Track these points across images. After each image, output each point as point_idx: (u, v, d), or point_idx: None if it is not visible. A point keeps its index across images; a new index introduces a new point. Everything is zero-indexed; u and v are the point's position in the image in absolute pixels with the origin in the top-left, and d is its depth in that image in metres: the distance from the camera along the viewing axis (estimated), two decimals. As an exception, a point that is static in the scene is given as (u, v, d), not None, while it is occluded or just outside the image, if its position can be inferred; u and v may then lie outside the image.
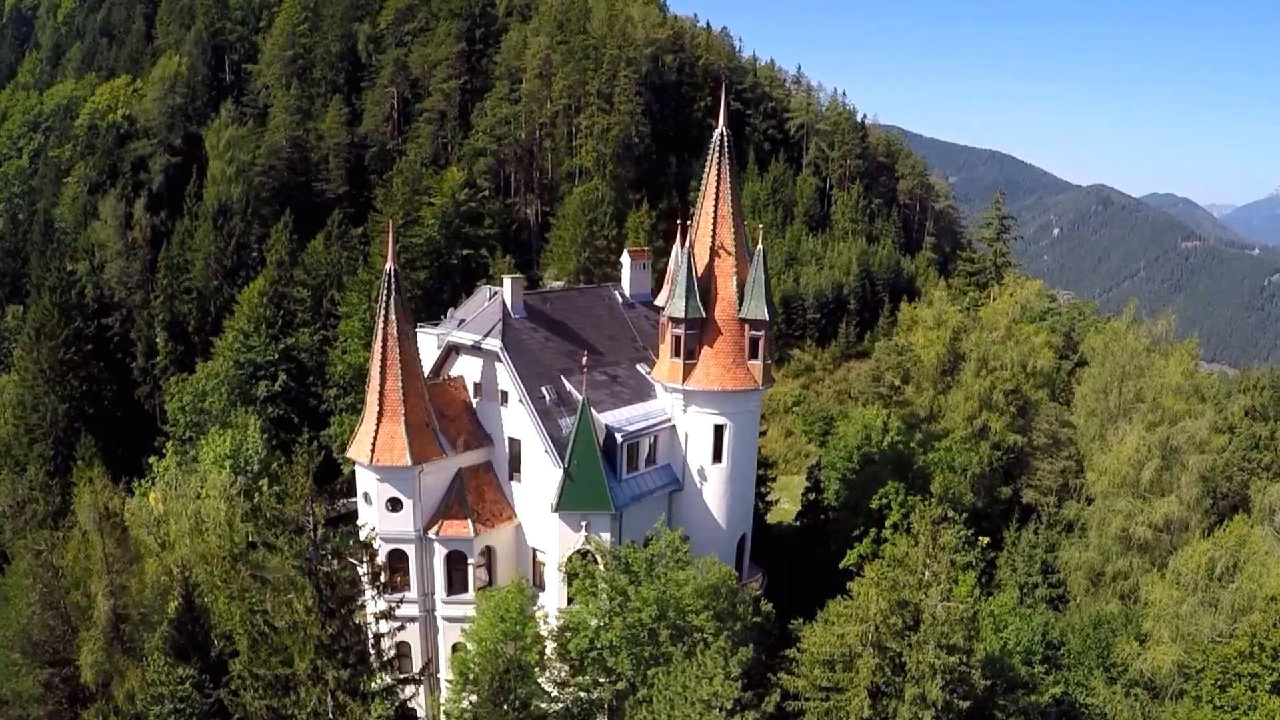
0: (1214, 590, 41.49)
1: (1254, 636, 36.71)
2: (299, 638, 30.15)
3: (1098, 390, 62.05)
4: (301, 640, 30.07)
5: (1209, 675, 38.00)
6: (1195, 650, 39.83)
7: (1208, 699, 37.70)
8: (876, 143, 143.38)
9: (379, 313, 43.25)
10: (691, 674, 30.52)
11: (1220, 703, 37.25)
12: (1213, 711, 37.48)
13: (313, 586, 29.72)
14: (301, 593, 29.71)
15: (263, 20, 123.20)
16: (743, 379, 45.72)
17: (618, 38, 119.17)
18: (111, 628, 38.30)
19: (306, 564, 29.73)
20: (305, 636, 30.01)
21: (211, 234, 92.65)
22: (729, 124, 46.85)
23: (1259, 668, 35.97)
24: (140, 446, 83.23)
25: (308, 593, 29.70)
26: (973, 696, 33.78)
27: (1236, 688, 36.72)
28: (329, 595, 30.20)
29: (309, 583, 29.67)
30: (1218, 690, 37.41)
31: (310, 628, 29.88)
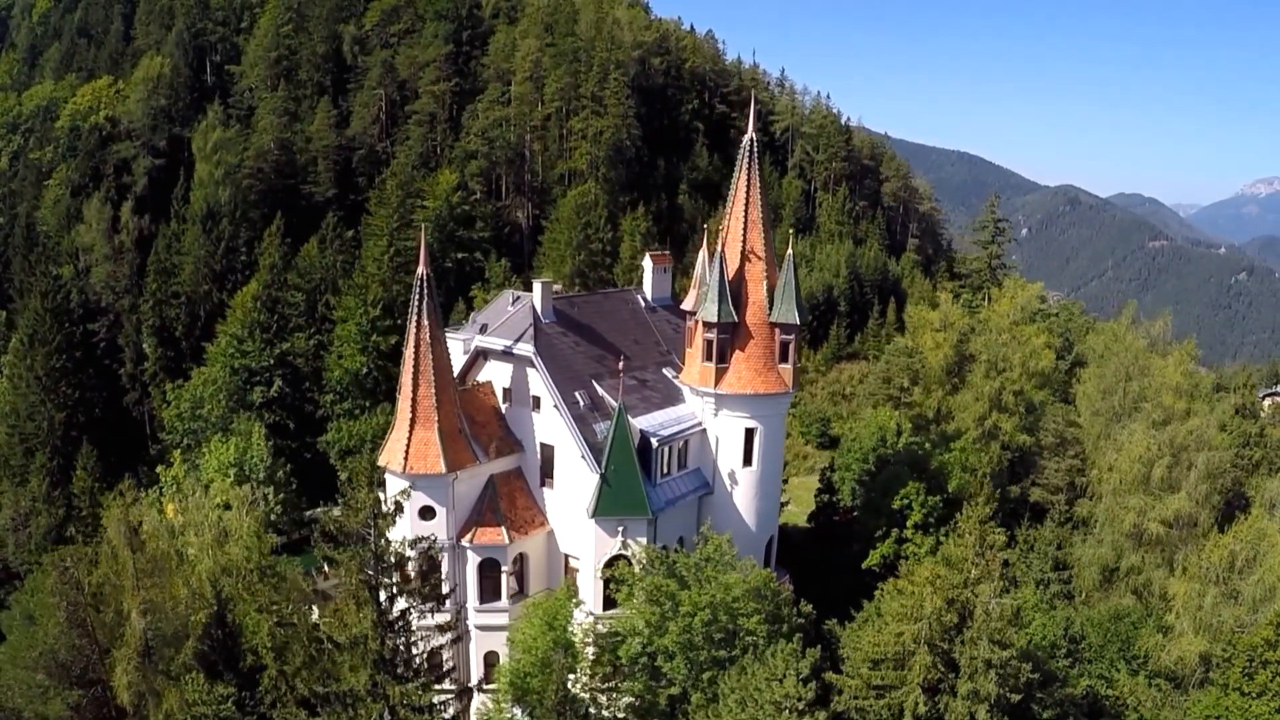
0: (1234, 583, 42.56)
1: (1279, 625, 37.84)
2: (358, 653, 29.80)
3: (1100, 390, 63.34)
4: (361, 655, 29.73)
5: (1236, 663, 39.03)
6: (1221, 641, 40.90)
7: (1235, 686, 38.73)
8: (861, 145, 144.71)
9: (410, 318, 42.89)
10: (760, 676, 30.69)
11: (1248, 689, 38.30)
12: (1239, 698, 38.51)
13: (374, 601, 29.40)
14: (364, 607, 29.36)
15: (244, 21, 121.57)
16: (774, 382, 45.98)
17: (606, 40, 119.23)
18: (144, 646, 37.49)
19: (369, 578, 29.42)
20: (365, 651, 29.67)
21: (201, 238, 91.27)
22: (714, 127, 47.34)
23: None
24: (132, 455, 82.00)
25: (369, 607, 29.36)
26: (1019, 690, 34.43)
27: (1263, 675, 37.84)
28: (389, 609, 29.91)
29: (371, 597, 29.35)
30: (1245, 678, 38.44)
31: (371, 642, 29.57)
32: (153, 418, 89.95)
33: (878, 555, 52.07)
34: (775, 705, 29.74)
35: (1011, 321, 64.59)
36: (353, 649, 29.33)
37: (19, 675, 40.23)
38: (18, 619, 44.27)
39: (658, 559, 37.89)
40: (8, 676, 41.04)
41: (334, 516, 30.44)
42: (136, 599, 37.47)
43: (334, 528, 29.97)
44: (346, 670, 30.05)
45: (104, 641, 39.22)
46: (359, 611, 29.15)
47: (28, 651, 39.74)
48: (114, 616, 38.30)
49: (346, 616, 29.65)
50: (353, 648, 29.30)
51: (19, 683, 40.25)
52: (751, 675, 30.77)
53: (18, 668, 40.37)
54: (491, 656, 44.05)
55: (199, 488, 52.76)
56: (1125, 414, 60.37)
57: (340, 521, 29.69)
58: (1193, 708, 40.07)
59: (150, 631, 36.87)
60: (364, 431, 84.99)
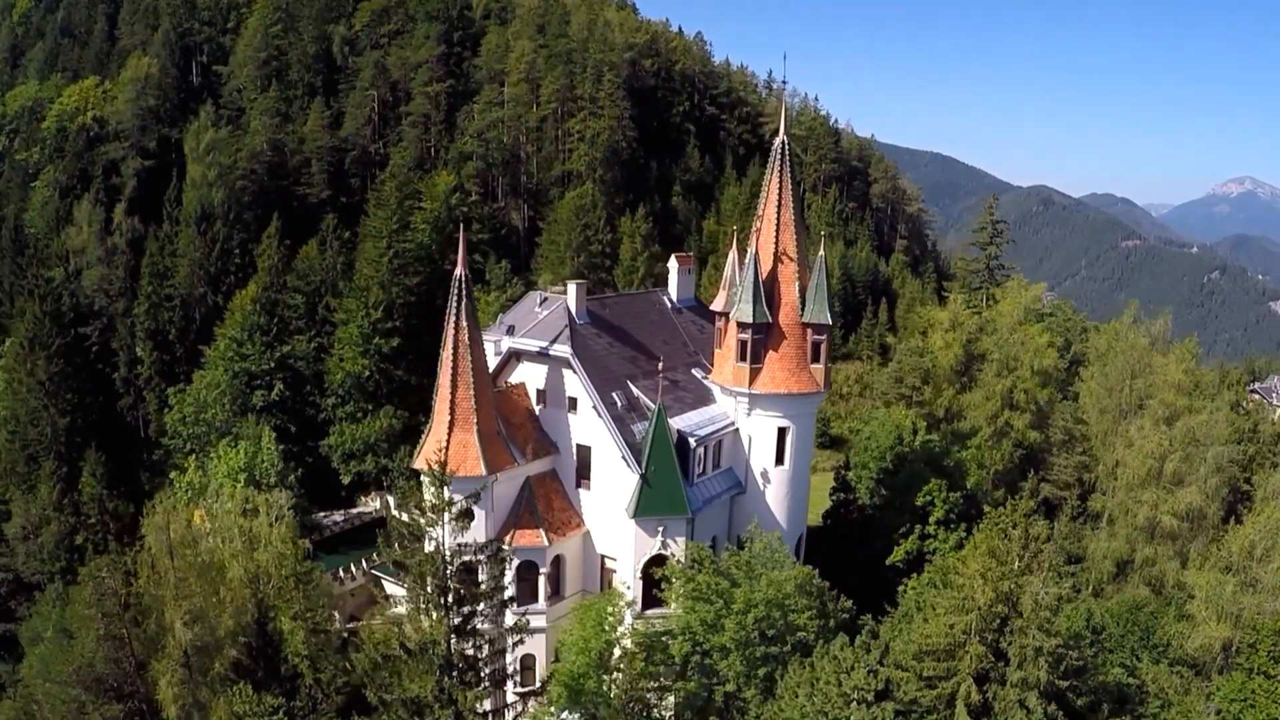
0: (1253, 571, 43.66)
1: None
2: (426, 659, 29.71)
3: (1106, 388, 64.48)
4: (429, 661, 29.64)
5: (1261, 648, 40.08)
6: (1243, 628, 42.01)
7: (1260, 670, 39.78)
8: (850, 147, 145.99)
9: (448, 319, 42.83)
10: (828, 669, 31.08)
11: (1273, 673, 39.39)
12: (1264, 680, 39.57)
13: (443, 606, 29.34)
14: (434, 612, 29.26)
15: (230, 21, 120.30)
16: (806, 382, 46.47)
17: (599, 42, 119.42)
18: (187, 657, 36.96)
19: (438, 582, 29.36)
20: (433, 657, 29.58)
21: (196, 239, 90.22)
22: (703, 129, 47.93)
23: None
24: (133, 460, 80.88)
25: (439, 612, 29.28)
26: (1067, 676, 35.19)
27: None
28: (459, 613, 29.84)
29: (441, 601, 29.29)
30: (1271, 661, 39.51)
31: (439, 647, 29.49)
32: (147, 422, 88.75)
33: (901, 551, 52.61)
34: (844, 697, 30.16)
35: (1016, 321, 65.67)
36: (421, 655, 29.20)
37: (53, 690, 39.26)
38: (49, 631, 43.05)
39: (707, 558, 38.16)
40: (42, 692, 40.11)
41: (404, 520, 30.31)
42: (180, 609, 36.98)
43: (405, 531, 29.87)
44: (412, 676, 29.91)
45: (141, 653, 38.58)
46: (429, 616, 29.04)
47: (62, 666, 38.74)
48: (154, 627, 37.65)
49: (413, 622, 29.52)
50: (421, 654, 29.16)
51: (53, 698, 39.37)
52: (821, 668, 31.13)
53: (52, 682, 39.40)
54: (528, 659, 44.04)
55: (225, 494, 52.14)
56: (1131, 411, 61.52)
57: (412, 525, 29.58)
58: (1217, 692, 41.12)
59: (196, 642, 36.42)
60: (367, 435, 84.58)
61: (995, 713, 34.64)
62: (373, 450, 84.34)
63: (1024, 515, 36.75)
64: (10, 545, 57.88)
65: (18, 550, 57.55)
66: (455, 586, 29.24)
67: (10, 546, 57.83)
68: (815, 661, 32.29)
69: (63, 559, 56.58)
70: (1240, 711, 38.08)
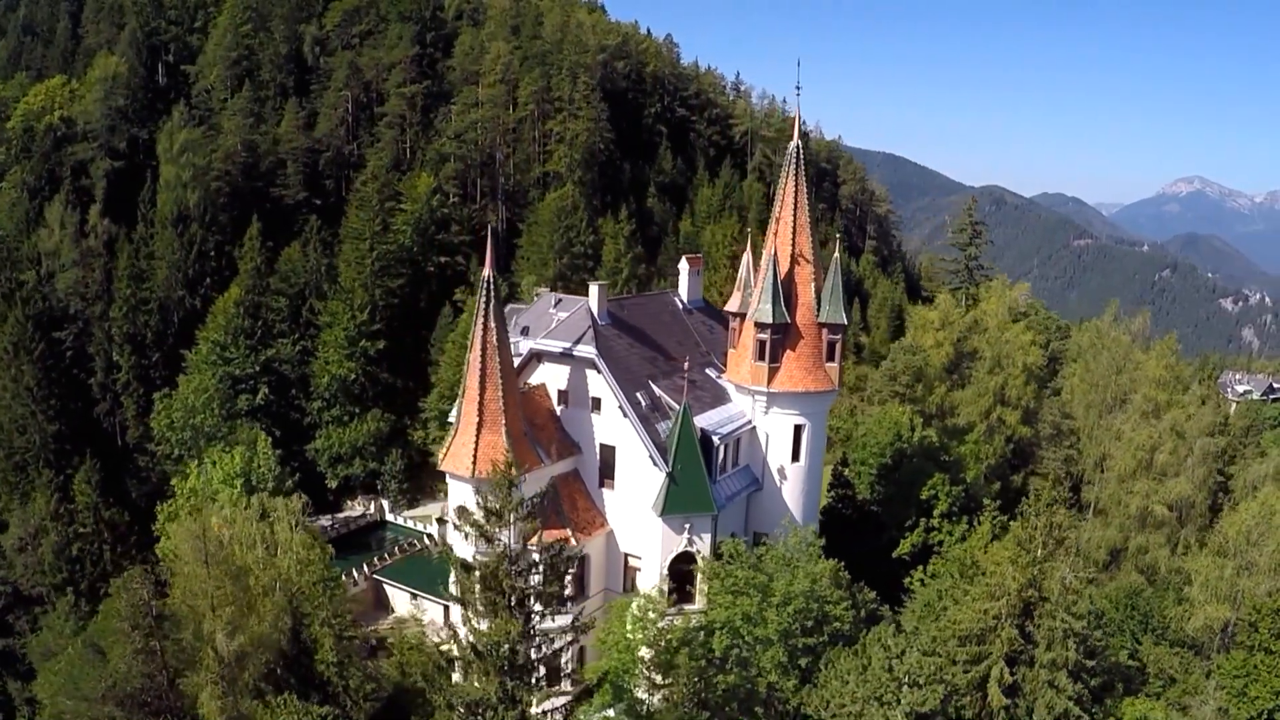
0: (1250, 555, 45.80)
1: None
2: (490, 660, 29.99)
3: (1091, 384, 66.85)
4: (493, 662, 29.92)
5: (1263, 626, 42.14)
6: (1245, 608, 44.13)
7: (1261, 646, 41.82)
8: (819, 149, 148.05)
9: (476, 320, 43.05)
10: (879, 655, 32.09)
11: (1274, 649, 41.47)
12: (1266, 656, 41.63)
13: (506, 605, 29.66)
14: (500, 613, 29.56)
15: (197, 20, 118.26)
16: (822, 380, 47.49)
17: (573, 44, 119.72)
18: (227, 667, 36.47)
19: (507, 583, 29.69)
20: (498, 658, 29.85)
21: (174, 241, 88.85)
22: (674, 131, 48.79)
23: None
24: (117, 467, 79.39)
25: (505, 613, 29.59)
26: (1092, 655, 36.72)
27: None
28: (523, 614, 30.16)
29: (505, 601, 29.61)
30: (1272, 638, 41.57)
31: (503, 648, 29.79)
32: (124, 428, 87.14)
33: (908, 544, 54.05)
34: (895, 681, 31.21)
35: (1000, 320, 67.72)
36: (488, 656, 29.47)
37: (84, 709, 38.13)
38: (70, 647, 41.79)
39: (744, 553, 38.95)
40: (71, 711, 38.89)
41: (474, 520, 30.56)
42: (220, 619, 36.55)
43: (473, 531, 30.16)
44: (475, 678, 30.20)
45: (174, 666, 37.99)
46: (495, 617, 29.34)
47: (95, 683, 37.67)
48: (191, 639, 37.02)
49: (479, 623, 29.78)
50: (489, 655, 29.43)
51: (83, 716, 38.44)
52: (873, 654, 32.13)
53: (81, 699, 38.37)
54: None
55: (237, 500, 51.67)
56: (1116, 406, 63.90)
57: (481, 526, 29.88)
58: (1220, 668, 43.12)
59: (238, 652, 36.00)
60: (354, 439, 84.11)
61: (1025, 692, 36.06)
62: (360, 454, 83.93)
63: (1046, 505, 38.21)
64: (8, 558, 56.38)
65: (15, 563, 56.09)
66: (521, 587, 29.58)
67: (8, 559, 56.33)
68: (865, 648, 33.28)
69: (64, 570, 55.35)
70: (1245, 686, 39.99)
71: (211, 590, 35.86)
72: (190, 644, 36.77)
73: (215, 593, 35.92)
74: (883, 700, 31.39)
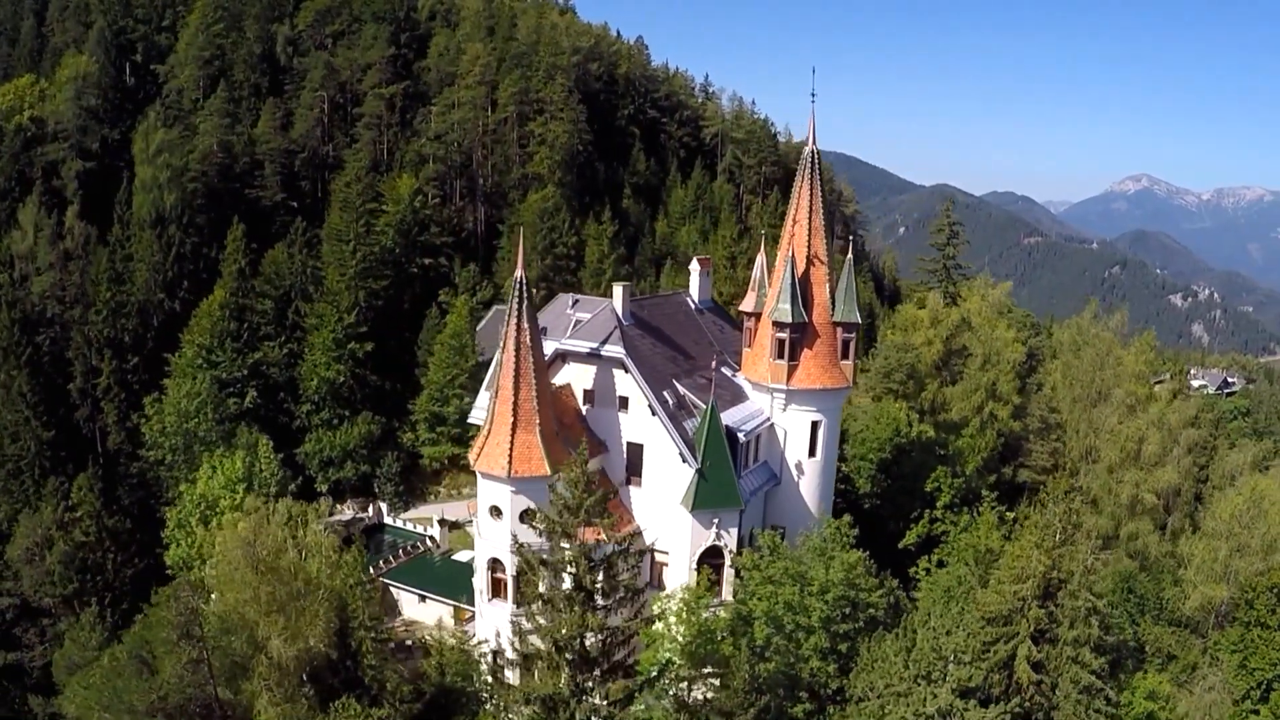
0: (1242, 537, 48.45)
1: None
2: (562, 654, 30.75)
3: (1075, 379, 69.53)
4: (563, 656, 30.70)
5: (1259, 603, 44.78)
6: (1241, 587, 46.78)
7: (1258, 621, 44.44)
8: (788, 151, 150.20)
9: (509, 320, 43.71)
10: (925, 636, 33.59)
11: (1271, 623, 44.13)
12: (1263, 631, 44.28)
13: (582, 600, 30.48)
14: (573, 607, 30.34)
15: (166, 19, 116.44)
16: (838, 377, 49.09)
17: (549, 46, 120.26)
18: (283, 673, 36.49)
19: (578, 578, 30.52)
20: (569, 651, 30.62)
21: (154, 244, 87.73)
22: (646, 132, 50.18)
23: None
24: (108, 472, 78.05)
25: (578, 607, 30.39)
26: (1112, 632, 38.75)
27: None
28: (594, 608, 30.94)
29: (580, 596, 30.43)
30: (1269, 613, 44.22)
31: (574, 641, 30.60)
32: (105, 434, 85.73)
33: (914, 535, 55.90)
34: (942, 659, 32.76)
35: (989, 318, 70.11)
36: (564, 650, 30.23)
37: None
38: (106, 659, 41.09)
39: (780, 545, 40.26)
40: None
41: (547, 516, 31.36)
42: (275, 624, 36.63)
43: (550, 527, 30.95)
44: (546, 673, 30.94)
45: (224, 675, 37.87)
46: (569, 611, 30.13)
47: (143, 694, 37.14)
48: (244, 646, 36.93)
49: (555, 618, 30.53)
50: (565, 649, 30.20)
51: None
52: (922, 635, 33.64)
53: (125, 712, 37.67)
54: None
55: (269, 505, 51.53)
56: (1100, 400, 66.60)
57: (559, 523, 30.67)
58: (1218, 643, 45.69)
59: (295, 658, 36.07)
60: (345, 442, 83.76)
61: (1050, 669, 37.88)
62: (351, 457, 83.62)
63: (1064, 493, 40.21)
64: (14, 569, 55.17)
65: (24, 574, 55.02)
66: (595, 581, 30.44)
67: (14, 570, 55.12)
68: (906, 630, 34.78)
69: (75, 580, 54.54)
70: (1245, 659, 42.48)
71: (264, 596, 35.93)
72: (242, 652, 36.67)
73: (267, 598, 36.01)
74: (930, 678, 32.91)
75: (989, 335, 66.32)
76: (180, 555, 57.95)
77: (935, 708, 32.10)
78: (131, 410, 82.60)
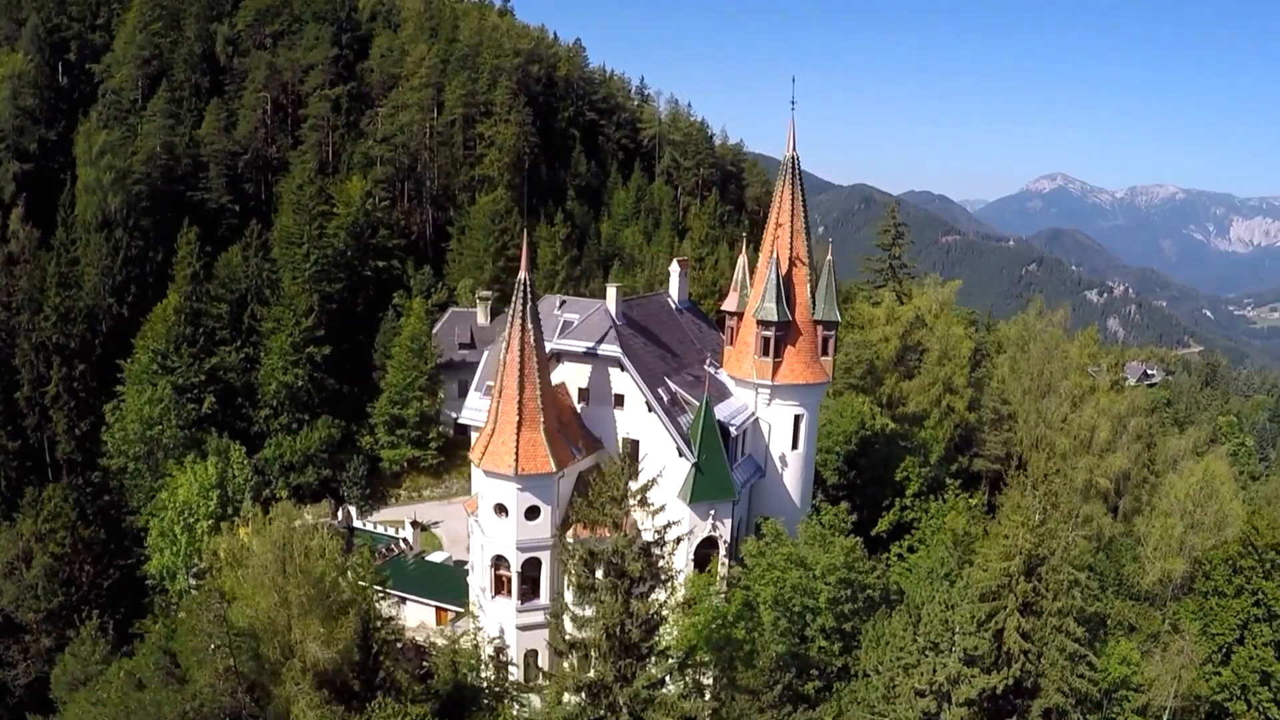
0: (1196, 514, 52.39)
1: (1245, 540, 47.96)
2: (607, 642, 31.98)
3: (1024, 372, 73.45)
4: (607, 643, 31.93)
5: (1216, 573, 48.69)
6: (1197, 560, 50.66)
7: (1216, 591, 48.36)
8: (724, 153, 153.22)
9: (512, 321, 44.85)
10: (931, 612, 35.95)
11: (1227, 591, 48.08)
12: (1220, 599, 48.21)
13: (626, 588, 31.78)
14: (617, 596, 31.59)
15: (100, 17, 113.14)
16: (819, 373, 51.45)
17: (493, 47, 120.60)
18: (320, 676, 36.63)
19: (617, 567, 31.82)
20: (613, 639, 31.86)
21: (103, 247, 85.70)
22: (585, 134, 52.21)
23: (1254, 561, 47.28)
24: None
25: (622, 596, 31.66)
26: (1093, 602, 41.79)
27: (1239, 579, 47.96)
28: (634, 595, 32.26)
29: (622, 584, 31.71)
30: (1225, 582, 48.16)
31: (615, 629, 31.89)
32: (54, 443, 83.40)
33: (886, 522, 58.63)
34: (949, 630, 35.17)
35: (945, 315, 73.62)
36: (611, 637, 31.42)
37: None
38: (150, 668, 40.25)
39: (782, 533, 42.29)
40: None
41: (595, 507, 32.56)
42: (310, 628, 36.85)
43: (598, 516, 32.18)
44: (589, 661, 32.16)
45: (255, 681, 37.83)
46: (614, 599, 31.39)
47: (172, 706, 36.40)
48: (276, 651, 36.97)
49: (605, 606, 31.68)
50: (612, 636, 31.43)
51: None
52: (928, 610, 35.98)
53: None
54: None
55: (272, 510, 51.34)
56: (1049, 391, 70.56)
57: (609, 513, 31.90)
58: (1178, 613, 49.45)
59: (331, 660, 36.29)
60: (306, 446, 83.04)
61: (1036, 639, 40.68)
62: (312, 461, 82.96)
63: (1044, 476, 43.20)
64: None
65: (5, 590, 53.38)
66: (635, 567, 31.77)
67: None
68: (910, 607, 37.12)
69: (59, 594, 53.29)
70: (1206, 625, 46.22)
71: (296, 600, 36.17)
72: (273, 658, 36.69)
73: (299, 602, 36.26)
74: (938, 649, 35.28)
75: (946, 331, 69.64)
76: (163, 564, 57.22)
77: (945, 675, 34.44)
78: (80, 418, 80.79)
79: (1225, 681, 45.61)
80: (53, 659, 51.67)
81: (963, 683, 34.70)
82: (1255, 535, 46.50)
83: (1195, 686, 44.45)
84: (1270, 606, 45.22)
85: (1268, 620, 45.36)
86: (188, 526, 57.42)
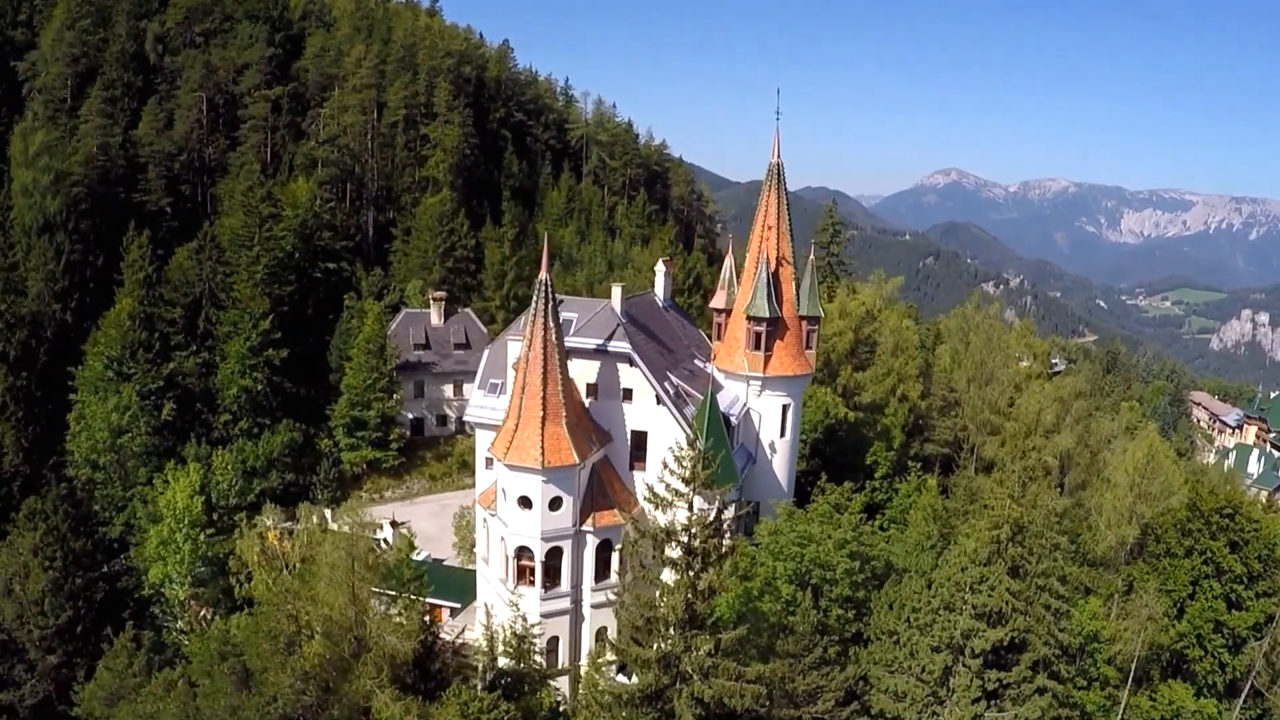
0: (1143, 486, 58.20)
1: (1193, 505, 53.92)
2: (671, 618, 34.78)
3: (967, 361, 79.10)
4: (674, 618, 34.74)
5: (1167, 536, 54.48)
6: (1151, 525, 56.47)
7: (1167, 552, 54.13)
8: (649, 153, 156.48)
9: (532, 320, 46.76)
10: (944, 574, 39.97)
11: (1177, 551, 53.89)
12: (1171, 560, 54.00)
13: (698, 565, 34.65)
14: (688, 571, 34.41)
15: (22, 13, 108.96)
16: (804, 365, 55.29)
17: (429, 49, 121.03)
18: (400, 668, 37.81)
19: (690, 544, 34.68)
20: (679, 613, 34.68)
21: (47, 251, 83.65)
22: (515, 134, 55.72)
23: (1201, 524, 53.19)
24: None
25: (692, 571, 34.50)
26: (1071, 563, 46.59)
27: (1188, 540, 53.80)
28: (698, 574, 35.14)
29: (695, 560, 34.55)
30: (1177, 544, 53.96)
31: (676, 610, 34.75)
32: (1, 453, 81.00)
33: (858, 504, 62.65)
34: (960, 589, 39.26)
35: (894, 309, 78.71)
36: (685, 610, 34.28)
37: None
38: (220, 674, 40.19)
39: (796, 513, 45.84)
40: None
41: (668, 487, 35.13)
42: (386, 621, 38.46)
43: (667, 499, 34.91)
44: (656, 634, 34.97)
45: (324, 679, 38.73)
46: (683, 574, 34.25)
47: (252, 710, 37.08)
48: (349, 647, 38.05)
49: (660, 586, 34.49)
50: (685, 610, 34.26)
51: None
52: (940, 572, 40.01)
53: None
54: (603, 632, 48.77)
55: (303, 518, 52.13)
56: (991, 379, 76.28)
57: (682, 493, 34.66)
58: (1133, 574, 55.10)
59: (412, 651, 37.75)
60: (269, 450, 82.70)
61: (1023, 598, 45.19)
62: (275, 465, 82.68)
63: (1020, 454, 47.92)
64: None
65: (5, 608, 52.11)
66: (699, 546, 34.68)
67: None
68: (922, 571, 41.12)
69: (67, 609, 52.49)
70: (1162, 583, 51.87)
71: (366, 595, 37.55)
72: (346, 654, 37.74)
73: (368, 598, 37.67)
74: (952, 608, 39.34)
75: (899, 324, 74.57)
76: (165, 573, 57.16)
77: (959, 630, 38.50)
78: (27, 427, 78.87)
79: (1182, 631, 51.65)
80: (60, 676, 51.19)
81: (975, 636, 38.81)
82: (1201, 501, 52.72)
83: (1157, 638, 50.06)
84: (1218, 563, 51.45)
85: (1216, 576, 51.58)
86: (189, 535, 57.37)
